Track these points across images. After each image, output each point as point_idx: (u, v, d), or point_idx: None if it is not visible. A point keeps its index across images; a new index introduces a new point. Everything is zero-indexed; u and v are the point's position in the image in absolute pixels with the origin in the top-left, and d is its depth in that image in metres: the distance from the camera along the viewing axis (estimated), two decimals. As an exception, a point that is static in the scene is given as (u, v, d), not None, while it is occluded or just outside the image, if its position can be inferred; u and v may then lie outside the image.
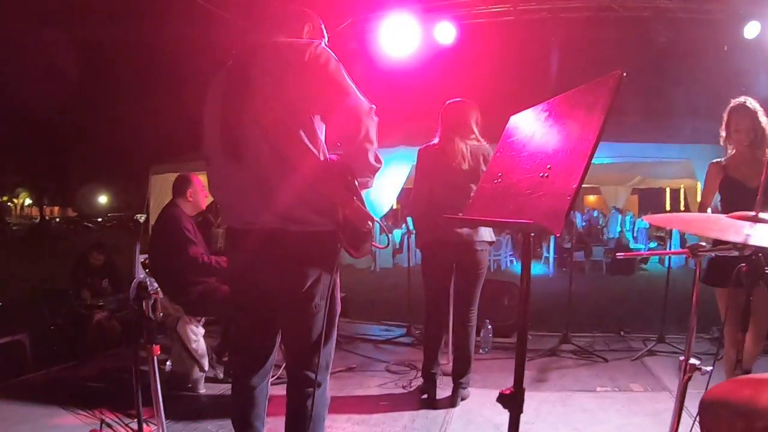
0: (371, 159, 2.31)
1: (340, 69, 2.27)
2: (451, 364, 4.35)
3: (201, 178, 4.58)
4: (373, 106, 2.32)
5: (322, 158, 2.27)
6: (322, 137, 2.30)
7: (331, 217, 2.27)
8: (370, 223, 2.35)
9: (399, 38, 7.10)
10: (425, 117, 4.31)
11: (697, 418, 1.64)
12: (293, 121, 2.22)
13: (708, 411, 1.63)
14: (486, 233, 4.15)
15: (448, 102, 4.20)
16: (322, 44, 2.31)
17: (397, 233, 16.57)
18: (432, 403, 4.14)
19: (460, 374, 4.19)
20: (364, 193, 2.37)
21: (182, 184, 4.49)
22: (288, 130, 2.21)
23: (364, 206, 2.32)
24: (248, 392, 2.50)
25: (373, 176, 2.40)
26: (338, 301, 2.43)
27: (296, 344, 2.39)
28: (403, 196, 12.34)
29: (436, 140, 4.17)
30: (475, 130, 4.12)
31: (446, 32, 7.34)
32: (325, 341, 2.36)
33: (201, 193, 4.48)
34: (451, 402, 4.13)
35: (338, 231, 2.29)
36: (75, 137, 41.76)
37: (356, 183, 2.31)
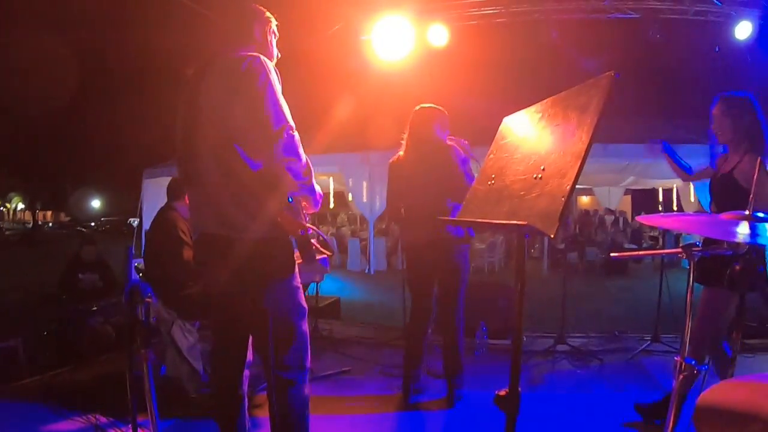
0: (292, 175, 2.36)
1: (267, 84, 2.32)
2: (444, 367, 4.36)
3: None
4: (290, 124, 2.36)
5: (258, 170, 2.35)
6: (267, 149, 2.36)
7: (271, 224, 2.37)
8: (301, 232, 2.45)
9: (392, 41, 7.10)
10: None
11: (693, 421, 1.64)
12: (232, 136, 2.33)
13: (703, 416, 1.63)
14: (463, 231, 4.16)
15: (414, 108, 4.24)
16: (262, 58, 2.37)
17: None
18: (428, 406, 4.14)
19: (452, 374, 4.19)
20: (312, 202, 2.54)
21: (180, 187, 4.45)
22: (228, 145, 2.32)
23: (298, 215, 2.44)
24: (226, 396, 2.61)
25: (306, 188, 2.47)
26: (297, 301, 2.51)
27: (261, 346, 2.48)
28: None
29: (401, 152, 4.23)
30: (438, 134, 4.14)
31: (439, 34, 7.35)
32: (289, 341, 2.44)
33: None
34: (448, 403, 4.14)
35: (282, 238, 2.41)
36: (68, 141, 41.58)
37: (288, 195, 2.43)
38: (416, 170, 4.08)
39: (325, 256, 2.83)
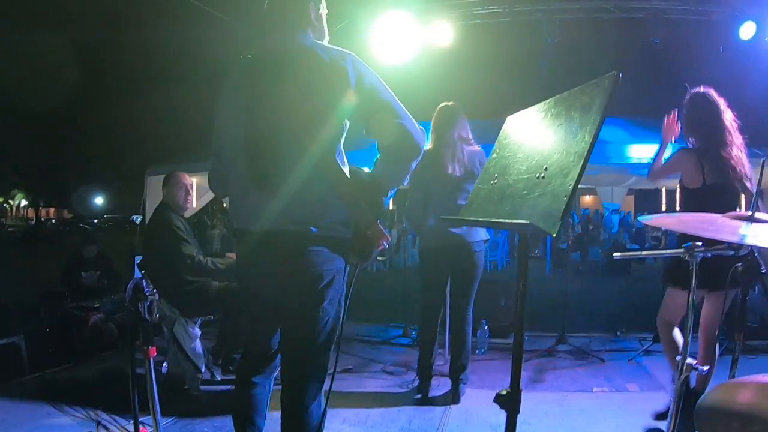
0: (410, 166, 2.32)
1: (385, 85, 2.25)
2: (448, 364, 4.38)
3: (192, 179, 4.59)
4: (423, 128, 2.30)
5: (348, 173, 2.26)
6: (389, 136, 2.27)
7: (349, 226, 2.28)
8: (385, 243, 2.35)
9: (395, 39, 7.09)
10: (422, 118, 4.33)
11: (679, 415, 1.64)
12: (329, 139, 2.21)
13: (705, 416, 1.63)
14: (482, 232, 4.24)
15: (439, 106, 4.24)
16: (354, 54, 2.26)
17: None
18: (429, 404, 4.15)
19: (459, 371, 4.23)
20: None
21: (164, 182, 4.54)
22: (320, 144, 2.19)
23: (384, 225, 2.33)
24: (251, 390, 2.48)
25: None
26: (341, 311, 2.39)
27: (296, 348, 2.34)
28: (399, 197, 12.30)
29: (429, 145, 4.19)
30: (469, 134, 4.17)
31: (442, 33, 7.34)
32: (325, 350, 2.33)
33: (180, 192, 4.46)
34: (453, 399, 4.17)
35: (351, 239, 2.29)
36: (71, 138, 41.64)
37: (384, 201, 2.33)
38: (447, 167, 4.08)
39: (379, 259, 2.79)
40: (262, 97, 2.24)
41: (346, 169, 2.28)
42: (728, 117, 3.50)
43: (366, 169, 2.39)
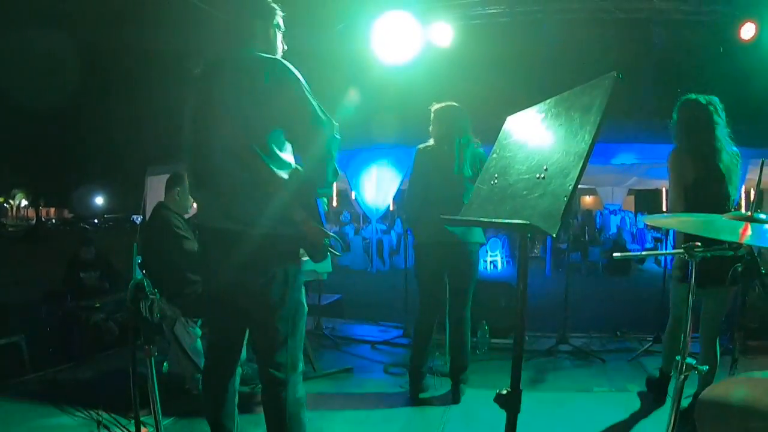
0: (330, 175, 2.40)
1: (302, 86, 2.34)
2: (447, 364, 4.38)
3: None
4: (336, 124, 2.40)
5: (285, 176, 2.36)
6: (287, 150, 2.42)
7: (289, 222, 2.37)
8: (325, 239, 2.47)
9: (396, 39, 7.10)
10: (422, 118, 4.34)
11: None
12: (255, 141, 2.32)
13: (704, 411, 1.64)
14: (478, 234, 4.22)
15: (440, 105, 4.23)
16: (282, 59, 2.40)
17: (394, 234, 16.61)
18: (430, 404, 4.15)
19: (459, 371, 4.23)
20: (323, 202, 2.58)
21: (171, 182, 4.49)
22: (250, 150, 2.31)
23: (320, 222, 2.45)
24: (216, 391, 2.62)
25: (331, 187, 2.52)
26: (299, 300, 2.50)
27: (259, 342, 2.48)
28: (399, 197, 12.31)
29: (431, 142, 4.20)
30: (471, 133, 4.17)
31: (443, 34, 7.34)
32: (286, 339, 2.43)
33: (186, 193, 4.44)
34: (453, 399, 4.16)
35: (296, 236, 2.40)
36: (71, 138, 41.62)
37: (316, 200, 2.46)
38: (449, 165, 4.08)
39: (336, 254, 2.86)
40: (201, 104, 2.44)
41: (282, 173, 2.36)
42: (719, 121, 3.55)
43: None
